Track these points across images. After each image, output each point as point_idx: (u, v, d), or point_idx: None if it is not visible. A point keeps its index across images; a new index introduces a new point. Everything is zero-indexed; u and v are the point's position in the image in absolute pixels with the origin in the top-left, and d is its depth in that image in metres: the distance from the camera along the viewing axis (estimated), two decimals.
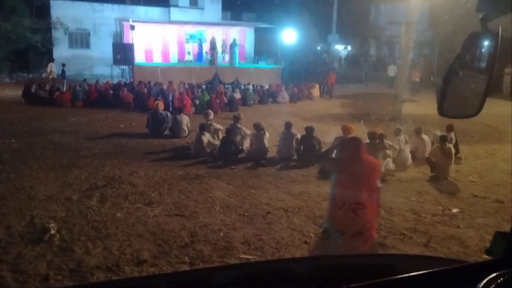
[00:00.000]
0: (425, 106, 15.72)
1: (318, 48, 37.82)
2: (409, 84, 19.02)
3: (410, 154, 8.44)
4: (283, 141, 8.48)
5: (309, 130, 8.35)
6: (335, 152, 7.96)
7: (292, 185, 6.85)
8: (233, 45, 24.22)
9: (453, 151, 7.76)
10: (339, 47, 39.58)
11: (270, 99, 17.70)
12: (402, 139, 8.41)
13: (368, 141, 7.60)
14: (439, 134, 8.16)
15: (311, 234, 5.01)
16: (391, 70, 23.42)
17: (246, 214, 5.56)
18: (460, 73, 1.48)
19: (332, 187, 3.77)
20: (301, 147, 8.30)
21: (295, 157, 8.42)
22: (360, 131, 10.31)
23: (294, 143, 8.39)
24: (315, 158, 8.21)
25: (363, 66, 26.40)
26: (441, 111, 1.51)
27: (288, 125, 8.61)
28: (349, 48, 41.24)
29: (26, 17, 25.54)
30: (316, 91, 19.63)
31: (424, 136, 8.89)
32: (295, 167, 8.00)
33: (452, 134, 8.53)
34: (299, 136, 8.45)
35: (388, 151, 7.67)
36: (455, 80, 1.48)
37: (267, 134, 8.73)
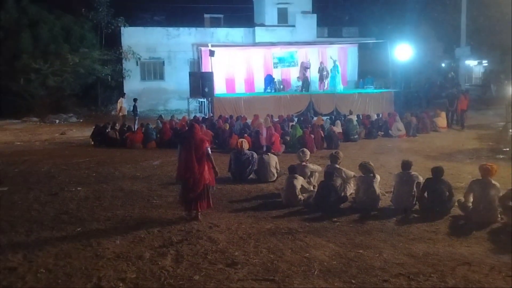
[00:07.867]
0: None
1: (443, 65, 32.98)
2: None
3: None
4: (400, 186, 7.42)
5: (437, 172, 7.19)
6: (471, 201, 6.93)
7: (414, 244, 5.81)
8: (332, 68, 22.09)
9: None
10: (472, 63, 34.30)
11: (380, 132, 16.14)
12: None
13: None
14: None
15: None
16: None
17: (353, 281, 4.73)
18: None
19: (179, 151, 6.95)
20: (425, 194, 7.20)
21: (416, 207, 7.34)
22: (506, 173, 8.85)
23: (414, 189, 7.30)
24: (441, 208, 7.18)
25: (506, 86, 22.65)
26: None
27: (406, 165, 7.49)
28: (485, 63, 34.90)
29: (95, 47, 24.35)
30: (442, 121, 17.35)
31: None
32: (417, 221, 6.86)
33: None
34: (421, 179, 7.32)
35: None
36: None
37: (377, 177, 7.70)
